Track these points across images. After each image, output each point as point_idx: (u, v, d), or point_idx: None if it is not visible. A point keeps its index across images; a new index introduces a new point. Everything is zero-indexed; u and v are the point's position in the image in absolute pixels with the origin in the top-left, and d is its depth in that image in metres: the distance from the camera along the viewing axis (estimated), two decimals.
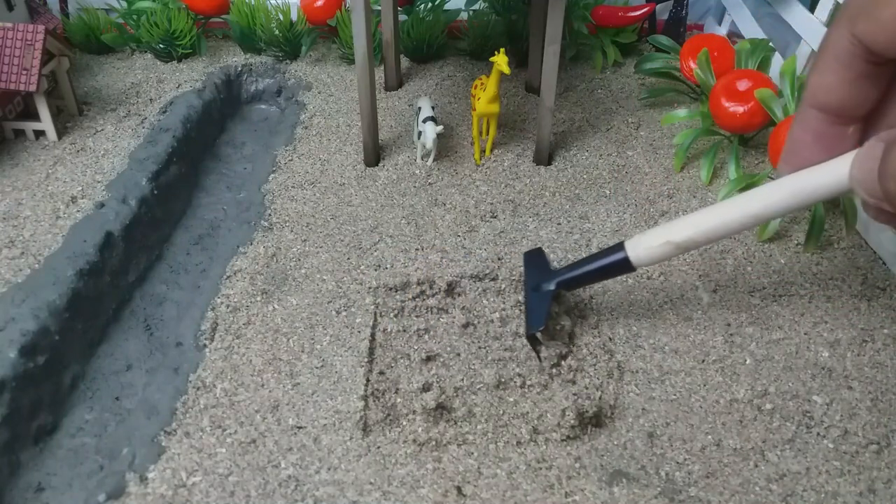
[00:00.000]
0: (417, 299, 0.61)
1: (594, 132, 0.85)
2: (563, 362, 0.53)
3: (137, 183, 0.71)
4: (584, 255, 0.58)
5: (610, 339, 0.57)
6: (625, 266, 0.50)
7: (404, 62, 1.00)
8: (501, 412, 0.50)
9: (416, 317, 0.59)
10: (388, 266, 0.64)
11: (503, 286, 0.62)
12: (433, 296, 0.61)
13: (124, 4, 1.00)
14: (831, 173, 0.40)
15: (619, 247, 0.51)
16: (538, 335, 0.52)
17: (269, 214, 0.72)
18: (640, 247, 0.49)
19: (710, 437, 0.49)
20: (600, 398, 0.51)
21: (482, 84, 0.75)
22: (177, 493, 0.46)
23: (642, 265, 0.50)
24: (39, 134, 0.80)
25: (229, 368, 0.55)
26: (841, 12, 0.39)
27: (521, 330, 0.57)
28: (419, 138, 0.76)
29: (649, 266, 0.52)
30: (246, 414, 0.51)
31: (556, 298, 0.55)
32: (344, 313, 0.60)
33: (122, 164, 0.75)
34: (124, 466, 0.48)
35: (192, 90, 0.89)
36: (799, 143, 0.43)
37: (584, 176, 0.77)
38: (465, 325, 0.57)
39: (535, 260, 0.58)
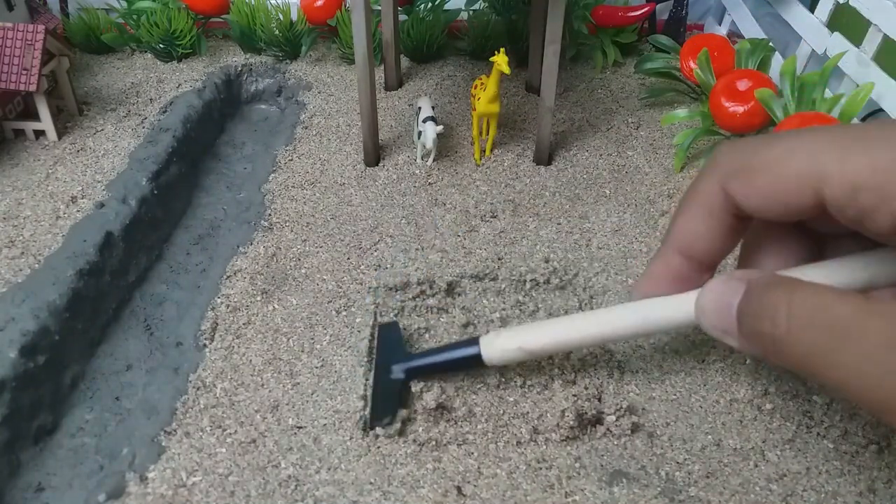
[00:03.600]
0: (417, 299, 0.61)
1: (594, 132, 0.85)
2: (566, 362, 0.53)
3: (137, 183, 0.71)
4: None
5: None
6: (476, 361, 0.49)
7: (404, 62, 1.00)
8: (501, 412, 0.50)
9: (417, 316, 0.59)
10: (388, 266, 0.64)
11: (503, 286, 0.62)
12: (433, 296, 0.61)
13: (124, 4, 1.00)
14: (680, 307, 0.43)
15: (475, 342, 0.49)
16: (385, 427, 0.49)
17: (269, 214, 0.72)
18: (495, 347, 0.48)
19: (710, 436, 0.49)
20: (600, 398, 0.52)
21: (482, 84, 0.75)
22: (177, 492, 0.46)
23: (493, 364, 0.49)
24: (39, 134, 0.80)
25: (229, 368, 0.55)
26: (713, 166, 0.42)
27: None
28: (419, 138, 0.76)
29: (499, 366, 0.51)
30: (246, 414, 0.51)
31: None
32: (344, 313, 0.60)
33: (122, 164, 0.75)
34: (124, 466, 0.48)
35: (192, 90, 0.89)
36: (658, 279, 0.46)
37: (584, 176, 0.77)
38: (466, 325, 0.57)
39: (389, 335, 0.55)
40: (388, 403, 0.50)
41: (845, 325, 0.33)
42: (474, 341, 0.49)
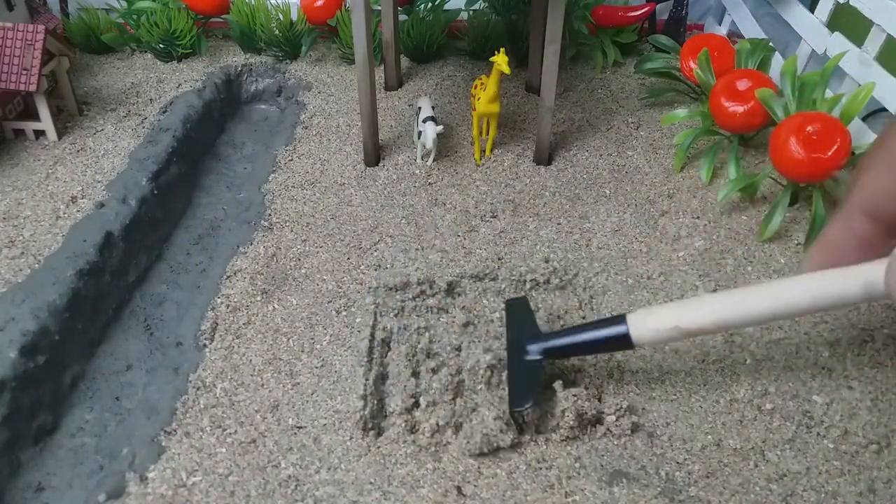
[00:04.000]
0: (417, 299, 0.61)
1: (594, 132, 0.85)
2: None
3: (137, 183, 0.71)
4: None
5: None
6: (624, 342, 0.46)
7: (404, 62, 1.00)
8: (502, 412, 0.50)
9: (417, 316, 0.59)
10: (388, 266, 0.64)
11: (503, 286, 0.62)
12: (433, 295, 0.61)
13: (124, 4, 1.00)
14: (862, 278, 0.37)
15: (621, 319, 0.45)
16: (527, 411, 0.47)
17: (269, 214, 0.72)
18: (646, 326, 0.44)
19: (710, 436, 0.49)
20: (600, 398, 0.51)
21: (482, 84, 0.75)
22: (177, 492, 0.46)
23: (642, 345, 0.45)
24: (39, 134, 0.80)
25: (229, 368, 0.55)
26: None
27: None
28: (419, 138, 0.76)
29: (650, 346, 0.46)
30: (246, 414, 0.51)
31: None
32: (344, 313, 0.60)
33: (122, 164, 0.75)
34: (124, 466, 0.48)
35: (192, 90, 0.89)
36: (837, 245, 0.40)
37: (584, 176, 0.77)
38: (466, 325, 0.57)
39: (520, 313, 0.51)
40: (528, 386, 0.47)
41: None
42: (621, 319, 0.45)
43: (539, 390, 0.48)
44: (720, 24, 1.07)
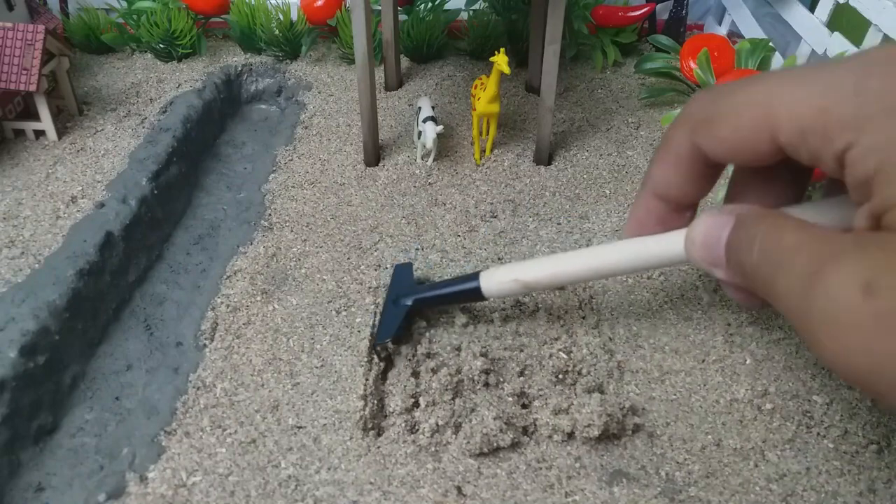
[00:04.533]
0: None
1: (594, 132, 0.85)
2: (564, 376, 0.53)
3: (137, 183, 0.71)
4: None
5: (610, 338, 0.57)
6: (476, 294, 0.53)
7: (404, 62, 1.00)
8: (502, 411, 0.50)
9: (416, 316, 0.59)
10: (388, 266, 0.64)
11: None
12: None
13: (124, 4, 1.00)
14: (671, 242, 0.44)
15: (475, 276, 0.53)
16: (386, 345, 0.54)
17: (269, 214, 0.72)
18: (493, 280, 0.52)
19: (710, 436, 0.49)
20: (601, 398, 0.51)
21: (482, 84, 0.75)
22: (177, 492, 0.46)
23: (492, 297, 0.53)
24: (39, 134, 0.80)
25: (229, 368, 0.55)
26: (682, 118, 0.43)
27: (521, 329, 0.57)
28: (419, 138, 0.76)
29: (498, 298, 0.56)
30: (246, 414, 0.51)
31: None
32: (344, 313, 0.60)
33: (122, 164, 0.75)
34: (124, 466, 0.48)
35: (192, 90, 0.89)
36: (641, 220, 0.47)
37: (584, 176, 0.77)
38: (465, 325, 0.57)
39: (403, 273, 0.59)
40: (391, 323, 0.54)
41: (781, 254, 0.34)
42: (475, 276, 0.53)
43: (401, 328, 0.55)
44: (720, 24, 1.07)
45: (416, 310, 0.56)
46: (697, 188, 0.45)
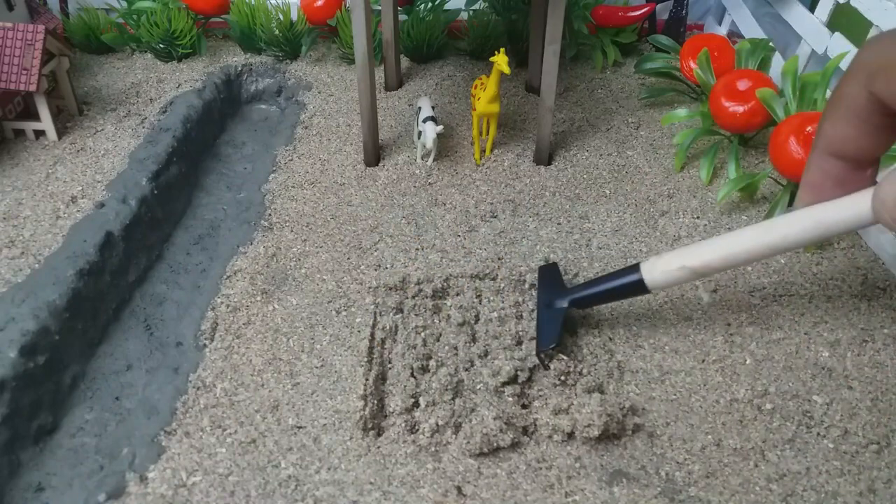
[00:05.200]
0: (417, 299, 0.60)
1: (594, 132, 0.85)
2: (567, 378, 0.53)
3: (137, 183, 0.71)
4: (599, 274, 0.58)
5: (610, 338, 0.57)
6: (639, 288, 0.51)
7: (404, 62, 1.00)
8: (502, 411, 0.50)
9: (416, 316, 0.59)
10: (388, 266, 0.64)
11: (503, 286, 0.62)
12: (433, 295, 0.61)
13: (124, 4, 1.00)
14: (853, 206, 0.41)
15: (635, 268, 0.50)
16: (550, 352, 0.52)
17: (269, 214, 0.72)
18: (657, 270, 0.49)
19: (710, 436, 0.49)
20: (601, 398, 0.51)
21: (482, 84, 0.75)
22: (177, 492, 0.46)
23: (657, 288, 0.50)
24: (39, 134, 0.80)
25: (229, 368, 0.55)
26: (855, 68, 0.40)
27: (520, 329, 0.57)
28: (419, 138, 0.76)
29: (665, 289, 0.52)
30: (246, 414, 0.51)
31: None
32: (344, 313, 0.60)
33: (122, 164, 0.75)
34: (124, 466, 0.48)
35: (192, 90, 0.89)
36: (817, 186, 0.44)
37: (584, 176, 0.77)
38: (464, 325, 0.57)
39: (549, 275, 0.58)
40: (552, 329, 0.52)
41: None
42: (635, 268, 0.50)
43: (562, 332, 0.53)
44: (720, 24, 1.07)
45: (570, 309, 0.54)
46: (878, 142, 0.41)
